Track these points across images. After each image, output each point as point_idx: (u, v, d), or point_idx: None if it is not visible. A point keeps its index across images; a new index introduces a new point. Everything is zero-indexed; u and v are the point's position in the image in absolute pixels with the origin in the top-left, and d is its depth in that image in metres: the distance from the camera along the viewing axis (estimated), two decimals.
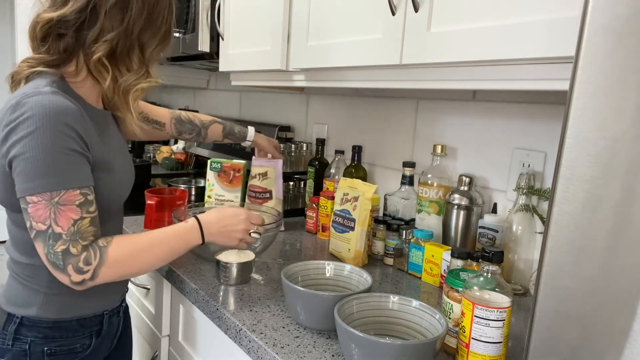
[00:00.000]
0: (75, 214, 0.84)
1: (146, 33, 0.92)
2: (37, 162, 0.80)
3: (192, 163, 2.53)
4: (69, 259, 0.83)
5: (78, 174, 0.85)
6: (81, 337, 0.98)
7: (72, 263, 0.83)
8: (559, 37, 0.76)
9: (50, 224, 0.82)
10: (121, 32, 0.89)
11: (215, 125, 1.44)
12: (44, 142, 0.80)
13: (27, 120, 0.81)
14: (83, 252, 0.84)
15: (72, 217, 0.83)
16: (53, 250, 0.83)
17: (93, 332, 1.00)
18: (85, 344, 0.99)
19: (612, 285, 0.48)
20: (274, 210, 1.39)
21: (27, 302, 0.94)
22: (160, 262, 0.93)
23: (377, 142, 1.64)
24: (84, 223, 0.84)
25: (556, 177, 0.51)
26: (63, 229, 0.82)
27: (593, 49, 0.48)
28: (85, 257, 0.84)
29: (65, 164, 0.83)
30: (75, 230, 0.83)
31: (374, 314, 0.87)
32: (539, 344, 0.54)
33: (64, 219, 0.83)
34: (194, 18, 1.72)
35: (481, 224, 1.22)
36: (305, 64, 1.31)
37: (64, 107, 0.83)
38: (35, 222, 0.82)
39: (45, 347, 0.94)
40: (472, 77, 0.93)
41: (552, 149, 1.16)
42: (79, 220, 0.84)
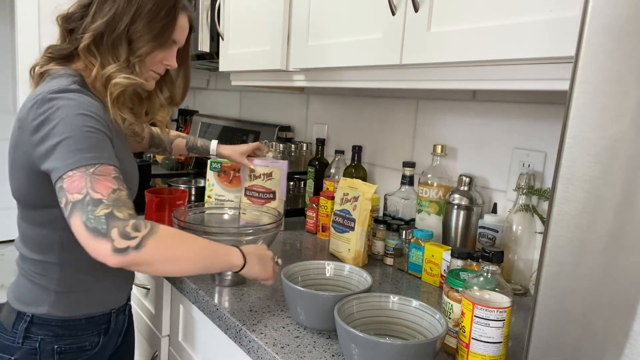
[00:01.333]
0: (113, 184, 0.80)
1: (135, 27, 0.92)
2: (71, 145, 0.79)
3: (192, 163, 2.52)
4: (115, 222, 0.76)
5: (111, 154, 0.84)
6: (90, 335, 0.99)
7: (118, 227, 0.76)
8: (559, 37, 0.76)
9: (88, 192, 0.77)
10: (107, 22, 0.90)
11: (179, 140, 1.46)
12: (76, 124, 0.81)
13: (58, 111, 0.82)
14: (131, 218, 0.78)
15: (110, 186, 0.79)
16: (94, 216, 0.75)
17: (101, 330, 1.01)
18: (94, 341, 1.00)
19: (612, 285, 0.48)
20: (274, 211, 1.39)
21: (38, 300, 0.94)
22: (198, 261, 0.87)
23: (377, 142, 1.64)
24: (122, 194, 0.80)
25: (556, 177, 0.51)
26: (103, 194, 0.77)
27: (593, 49, 0.48)
28: (134, 223, 0.78)
29: (98, 142, 0.82)
30: (117, 197, 0.78)
31: (374, 314, 0.87)
32: (539, 344, 0.54)
33: (102, 186, 0.78)
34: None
35: (481, 224, 1.22)
36: (305, 64, 1.31)
37: (91, 102, 0.86)
38: (70, 193, 0.77)
39: (55, 345, 0.94)
40: (472, 77, 0.93)
41: (552, 149, 1.16)
42: (118, 190, 0.80)
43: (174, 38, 1.00)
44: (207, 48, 1.71)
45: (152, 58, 0.98)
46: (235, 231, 1.27)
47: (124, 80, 0.92)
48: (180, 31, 1.00)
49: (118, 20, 0.91)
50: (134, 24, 0.92)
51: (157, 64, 1.01)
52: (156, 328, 1.35)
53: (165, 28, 0.96)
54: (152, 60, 0.99)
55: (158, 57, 1.00)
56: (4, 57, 3.27)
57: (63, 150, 0.80)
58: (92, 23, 0.91)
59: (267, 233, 1.24)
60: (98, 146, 0.82)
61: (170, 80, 1.11)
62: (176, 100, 1.14)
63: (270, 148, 1.54)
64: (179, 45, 1.03)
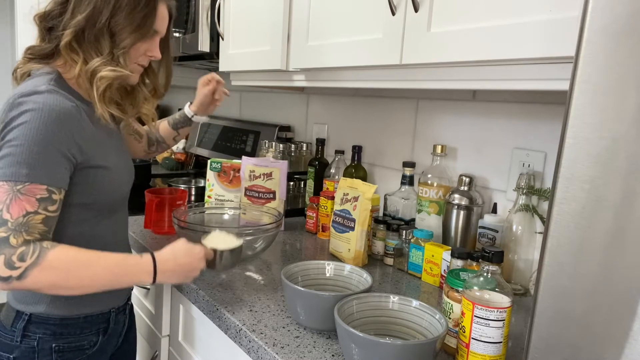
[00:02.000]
0: (31, 206, 0.81)
1: (116, 20, 0.91)
2: (19, 153, 0.81)
3: (192, 163, 2.53)
4: (4, 249, 0.79)
5: (53, 173, 0.84)
6: (88, 334, 0.99)
7: (5, 254, 0.79)
8: (559, 37, 0.76)
9: (2, 208, 0.80)
10: (88, 17, 0.89)
11: (163, 125, 1.39)
12: (32, 135, 0.81)
13: (22, 116, 0.82)
14: (22, 246, 0.80)
15: (25, 207, 0.81)
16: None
17: (100, 330, 1.01)
18: (92, 341, 1.00)
19: (612, 285, 0.48)
20: (274, 210, 1.39)
21: (35, 299, 0.94)
22: (95, 286, 0.87)
23: (377, 142, 1.64)
24: (35, 218, 0.82)
25: (556, 177, 0.51)
26: (12, 217, 0.80)
27: (593, 49, 0.48)
28: (21, 252, 0.79)
29: (45, 160, 0.83)
30: (24, 222, 0.81)
31: (374, 314, 0.87)
32: (539, 344, 0.54)
33: (17, 208, 0.80)
34: (194, 18, 1.72)
35: (481, 224, 1.22)
36: (305, 64, 1.31)
37: (60, 107, 0.85)
38: None
39: (54, 344, 0.95)
40: (472, 77, 0.93)
41: (552, 149, 1.16)
42: (32, 214, 0.81)
43: (156, 28, 0.98)
44: (207, 48, 1.71)
45: (135, 50, 0.97)
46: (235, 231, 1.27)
47: (109, 73, 0.91)
48: (161, 20, 0.99)
49: (98, 14, 0.90)
50: (115, 17, 0.91)
51: (141, 56, 1.00)
52: (156, 328, 1.35)
53: (146, 18, 0.95)
54: (135, 52, 0.98)
55: (141, 49, 0.99)
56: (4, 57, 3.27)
57: (6, 157, 0.81)
58: (71, 19, 0.90)
59: (267, 233, 1.24)
60: (42, 163, 0.82)
61: (152, 72, 1.10)
62: (160, 91, 1.14)
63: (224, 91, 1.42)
64: (160, 35, 1.02)
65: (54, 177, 0.84)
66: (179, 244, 0.96)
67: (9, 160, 0.81)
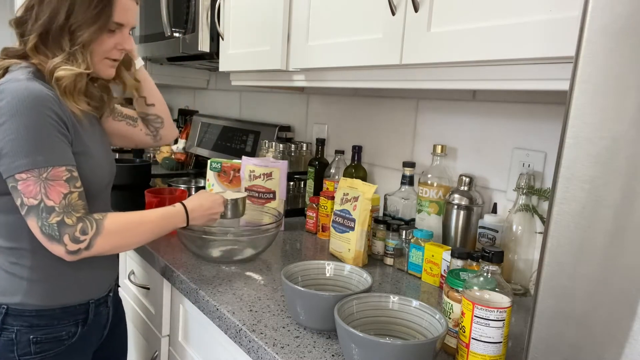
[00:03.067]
0: (65, 188, 0.88)
1: (74, 18, 0.93)
2: (22, 142, 0.85)
3: (192, 163, 2.53)
4: (65, 229, 0.87)
5: (61, 153, 0.89)
6: (66, 325, 0.99)
7: (69, 233, 0.87)
8: (559, 37, 0.76)
9: (42, 199, 0.86)
10: (48, 19, 0.93)
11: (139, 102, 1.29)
12: (25, 123, 0.85)
13: (7, 105, 0.85)
14: (79, 222, 0.88)
15: (62, 191, 0.88)
16: (47, 223, 0.86)
17: (79, 321, 1.02)
18: (70, 331, 1.00)
19: (612, 285, 0.48)
20: (275, 210, 1.39)
21: (11, 289, 0.95)
22: (149, 238, 1.00)
23: (377, 142, 1.64)
24: (73, 197, 0.89)
25: (556, 177, 0.51)
26: (55, 202, 0.87)
27: (593, 49, 0.48)
28: (81, 227, 0.88)
29: (48, 142, 0.87)
30: (67, 203, 0.88)
31: (374, 314, 0.87)
32: (539, 344, 0.54)
33: (55, 193, 0.87)
34: (194, 18, 1.72)
35: (481, 224, 1.22)
36: (305, 64, 1.31)
37: (39, 91, 0.88)
38: (27, 197, 0.86)
39: (31, 336, 0.95)
40: (472, 77, 0.93)
41: (552, 149, 1.16)
42: (69, 194, 0.89)
43: (118, 21, 0.98)
44: (207, 48, 1.71)
45: (99, 45, 0.98)
46: (235, 231, 1.27)
47: (63, 72, 0.93)
48: (123, 12, 0.98)
49: (56, 15, 0.93)
50: (72, 15, 0.93)
51: (111, 51, 1.01)
52: (156, 328, 1.35)
53: (102, 13, 0.95)
54: (100, 47, 0.98)
55: (109, 44, 0.99)
56: None
57: (13, 148, 0.85)
58: (35, 23, 0.94)
59: (267, 233, 1.24)
60: (48, 146, 0.87)
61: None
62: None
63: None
64: (129, 26, 1.02)
65: (64, 157, 0.90)
66: (203, 194, 1.14)
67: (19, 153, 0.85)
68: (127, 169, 1.98)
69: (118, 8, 0.97)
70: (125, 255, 1.58)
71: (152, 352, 1.37)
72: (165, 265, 1.21)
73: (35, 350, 0.96)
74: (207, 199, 1.13)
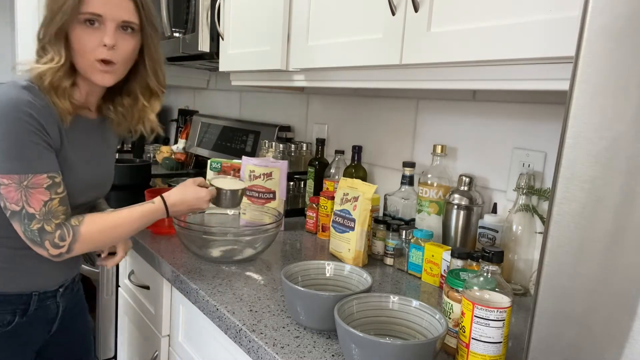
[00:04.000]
0: (45, 195, 0.92)
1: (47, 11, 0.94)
2: (3, 146, 0.88)
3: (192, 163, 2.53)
4: (46, 235, 0.92)
5: (42, 160, 0.92)
6: (2, 312, 1.00)
7: (49, 239, 0.92)
8: (559, 37, 0.76)
9: (23, 206, 0.91)
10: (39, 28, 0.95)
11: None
12: (8, 128, 0.88)
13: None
14: (57, 230, 0.93)
15: (42, 198, 0.92)
16: (30, 229, 0.91)
17: (17, 310, 1.01)
18: (6, 319, 1.00)
19: (612, 285, 0.48)
20: (274, 210, 1.39)
21: None
22: (127, 236, 1.04)
23: (377, 142, 1.64)
24: (53, 204, 0.93)
25: (556, 177, 0.51)
26: (35, 209, 0.91)
27: (593, 49, 0.48)
28: (59, 235, 0.93)
29: (29, 150, 0.90)
30: (47, 210, 0.92)
31: (374, 314, 0.87)
32: (539, 344, 0.54)
33: (35, 201, 0.91)
34: (194, 18, 1.72)
35: (481, 224, 1.22)
36: (305, 64, 1.31)
37: (25, 100, 0.89)
38: (9, 202, 0.91)
39: None
40: (472, 77, 0.93)
41: (552, 149, 1.16)
42: (49, 202, 0.92)
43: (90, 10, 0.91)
44: (207, 48, 1.71)
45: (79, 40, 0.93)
46: (235, 231, 1.27)
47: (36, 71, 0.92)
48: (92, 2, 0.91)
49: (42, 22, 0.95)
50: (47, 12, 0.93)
51: (97, 48, 0.93)
52: (156, 328, 1.35)
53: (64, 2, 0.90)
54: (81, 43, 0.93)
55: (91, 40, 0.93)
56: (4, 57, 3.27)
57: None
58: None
59: (267, 233, 1.24)
60: (29, 152, 0.89)
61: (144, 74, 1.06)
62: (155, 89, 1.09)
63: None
64: (112, 20, 0.93)
65: (46, 164, 0.92)
66: (188, 187, 1.11)
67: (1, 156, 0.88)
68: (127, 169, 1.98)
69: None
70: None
71: (152, 352, 1.37)
72: (165, 265, 1.21)
73: None
74: (191, 195, 1.10)
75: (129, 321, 1.57)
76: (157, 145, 2.65)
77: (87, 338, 1.25)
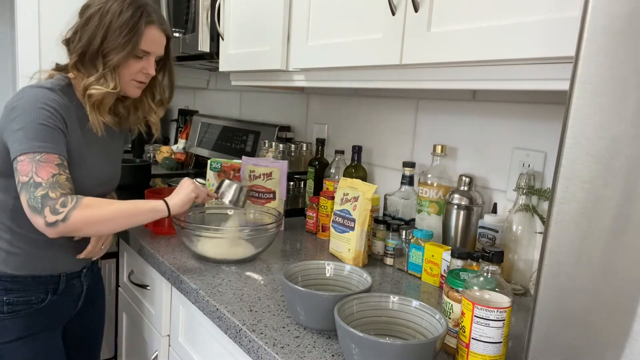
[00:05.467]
0: (54, 169, 1.00)
1: (107, 43, 1.08)
2: (26, 132, 1.00)
3: (192, 163, 2.53)
4: (47, 202, 0.97)
5: (57, 145, 1.03)
6: (36, 291, 1.14)
7: (50, 205, 0.97)
8: (559, 37, 0.76)
9: (32, 176, 0.98)
10: (87, 42, 1.08)
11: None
12: (32, 117, 1.01)
13: (23, 102, 1.02)
14: (61, 197, 0.99)
15: (51, 171, 0.99)
16: (33, 196, 0.97)
17: (49, 289, 1.16)
18: (40, 297, 1.15)
19: (612, 285, 0.48)
20: (274, 210, 1.39)
21: None
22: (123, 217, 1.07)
23: (377, 142, 1.64)
24: (61, 178, 1.01)
25: (556, 177, 0.51)
26: (43, 178, 0.98)
27: (593, 49, 0.48)
28: (62, 201, 0.98)
29: (47, 134, 1.01)
30: (54, 181, 0.99)
31: (374, 314, 0.87)
32: (539, 344, 0.54)
33: (44, 172, 0.99)
34: (194, 18, 1.72)
35: (481, 224, 1.22)
36: (305, 64, 1.31)
37: (51, 97, 1.05)
38: (21, 175, 0.99)
39: (5, 297, 1.10)
40: (472, 77, 0.93)
41: (552, 149, 1.16)
42: (57, 175, 1.00)
43: (144, 49, 1.12)
44: (207, 48, 1.71)
45: (128, 69, 1.12)
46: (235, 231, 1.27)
47: (93, 91, 1.08)
48: (150, 43, 1.12)
49: (92, 40, 1.08)
50: (105, 41, 1.08)
51: (137, 74, 1.14)
52: (156, 328, 1.35)
53: (129, 41, 1.09)
54: (129, 70, 1.12)
55: (135, 67, 1.13)
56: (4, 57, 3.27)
57: (19, 137, 1.00)
58: (77, 45, 1.10)
59: (267, 233, 1.24)
60: (46, 137, 1.01)
61: (158, 85, 1.26)
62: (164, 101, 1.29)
63: None
64: (155, 55, 1.16)
65: (60, 148, 1.03)
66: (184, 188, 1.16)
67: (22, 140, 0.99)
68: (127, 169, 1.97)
69: (146, 38, 1.11)
70: (125, 255, 1.58)
71: (152, 352, 1.37)
72: (165, 265, 1.21)
73: (7, 310, 1.11)
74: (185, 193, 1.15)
75: (129, 321, 1.57)
76: (157, 145, 2.65)
77: (100, 320, 1.39)
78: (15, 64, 2.32)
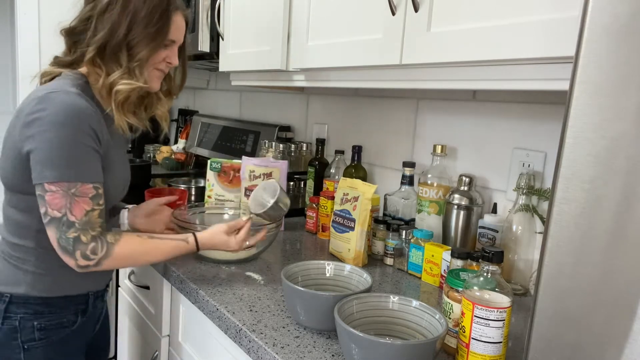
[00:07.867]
0: (88, 205, 0.92)
1: (133, 34, 0.96)
2: (57, 153, 0.88)
3: (192, 163, 2.53)
4: (79, 246, 0.91)
5: (92, 170, 0.93)
6: (68, 313, 1.05)
7: (81, 250, 0.91)
8: (559, 37, 0.76)
9: (66, 213, 0.90)
10: (108, 34, 0.96)
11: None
12: (64, 135, 0.88)
13: (51, 115, 0.88)
14: (92, 242, 0.92)
15: (85, 207, 0.92)
16: (65, 236, 0.91)
17: (79, 310, 1.07)
18: (71, 319, 1.06)
19: (612, 285, 0.48)
20: None
21: (15, 280, 1.00)
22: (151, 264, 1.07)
23: (377, 142, 1.64)
24: (94, 214, 0.93)
25: (556, 177, 0.51)
26: (77, 217, 0.91)
27: (593, 49, 0.48)
28: (92, 247, 0.92)
29: (82, 158, 0.91)
30: (87, 220, 0.92)
31: (374, 314, 0.87)
32: (539, 344, 0.54)
33: (78, 209, 0.91)
34: (194, 18, 1.72)
35: (481, 224, 1.22)
36: (305, 64, 1.31)
37: (85, 107, 0.92)
38: (52, 209, 0.90)
39: (35, 322, 1.00)
40: (472, 77, 0.93)
41: (552, 149, 1.16)
42: (90, 212, 0.92)
43: (172, 38, 1.03)
44: (207, 48, 1.71)
45: (154, 59, 1.02)
46: None
47: (124, 87, 0.97)
48: (177, 30, 1.04)
49: (116, 30, 0.95)
50: (131, 32, 0.96)
51: (160, 63, 1.05)
52: (156, 328, 1.35)
53: (160, 30, 0.99)
54: (154, 60, 1.03)
55: (160, 57, 1.04)
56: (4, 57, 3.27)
57: (46, 158, 0.89)
58: (94, 36, 0.97)
59: (267, 233, 1.24)
60: (80, 161, 0.91)
61: (168, 75, 1.15)
62: (174, 92, 1.18)
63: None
64: (178, 43, 1.07)
65: (95, 174, 0.94)
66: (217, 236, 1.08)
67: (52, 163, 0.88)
68: None
69: (173, 26, 1.02)
70: None
71: (152, 352, 1.37)
72: (165, 265, 1.21)
73: (40, 337, 1.01)
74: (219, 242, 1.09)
75: (129, 321, 1.57)
76: (157, 145, 2.65)
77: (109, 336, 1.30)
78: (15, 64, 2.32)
